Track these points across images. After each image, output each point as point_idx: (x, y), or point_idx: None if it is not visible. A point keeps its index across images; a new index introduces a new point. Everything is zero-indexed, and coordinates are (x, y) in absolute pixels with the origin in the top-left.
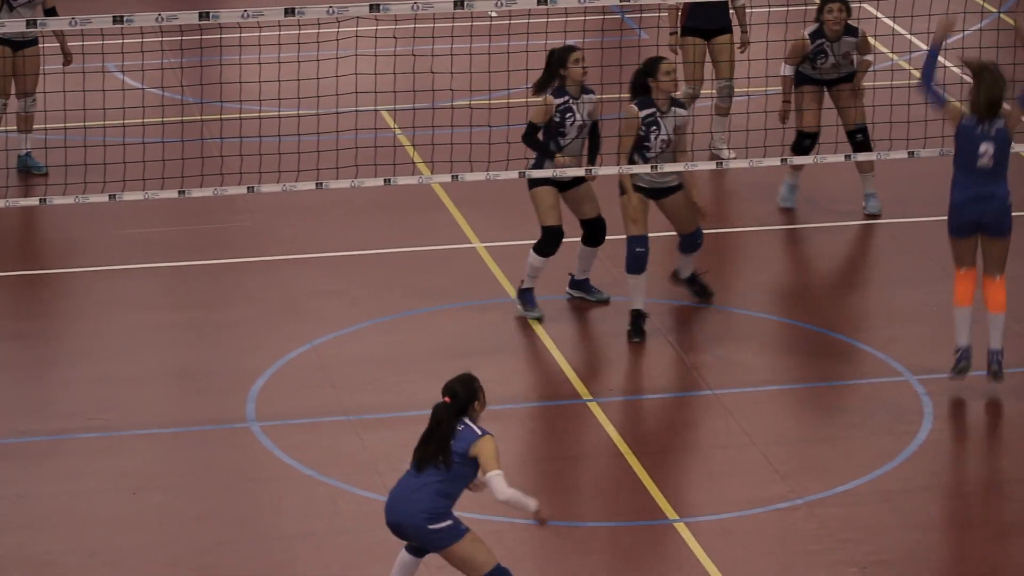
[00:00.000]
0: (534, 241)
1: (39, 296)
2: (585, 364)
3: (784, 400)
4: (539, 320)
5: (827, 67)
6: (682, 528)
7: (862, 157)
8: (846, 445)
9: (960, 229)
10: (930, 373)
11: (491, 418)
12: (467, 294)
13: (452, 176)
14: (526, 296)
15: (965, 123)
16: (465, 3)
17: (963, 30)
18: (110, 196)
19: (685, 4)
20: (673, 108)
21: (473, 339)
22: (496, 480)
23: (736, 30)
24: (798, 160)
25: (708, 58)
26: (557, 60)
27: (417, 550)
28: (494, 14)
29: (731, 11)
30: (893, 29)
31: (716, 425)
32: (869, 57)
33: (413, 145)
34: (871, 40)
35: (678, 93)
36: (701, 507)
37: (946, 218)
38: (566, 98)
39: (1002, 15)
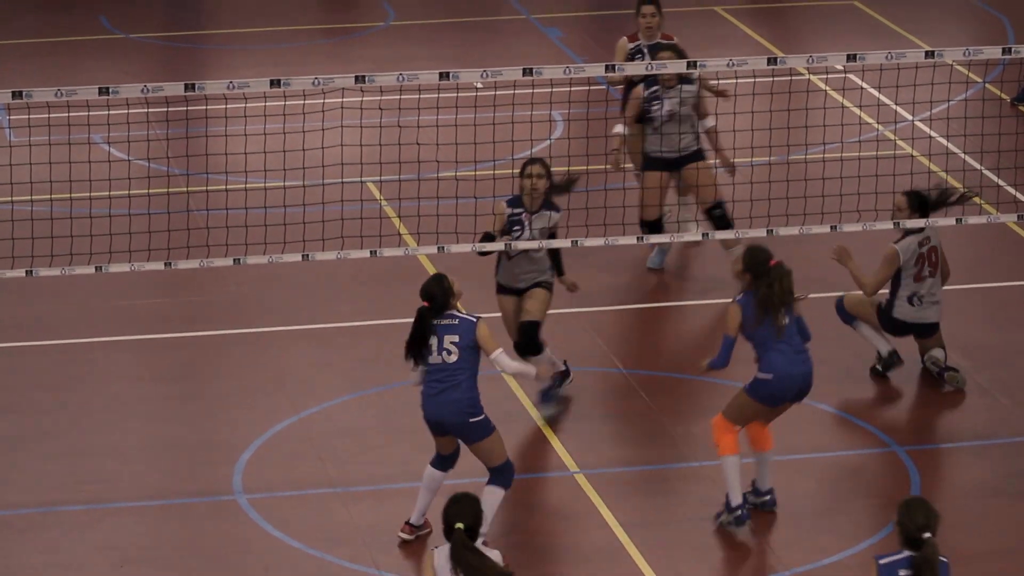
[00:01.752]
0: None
1: (26, 368)
2: (572, 436)
3: (770, 472)
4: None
5: (663, 115)
6: None
7: (849, 227)
8: (833, 516)
9: (776, 399)
10: (917, 444)
11: (478, 491)
12: None
13: (438, 247)
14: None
15: (750, 315)
16: (450, 74)
17: (948, 100)
18: (96, 268)
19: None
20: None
21: None
22: (501, 357)
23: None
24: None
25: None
26: (520, 170)
27: (443, 462)
28: (479, 85)
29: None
30: (878, 99)
31: (703, 496)
32: (710, 121)
33: (399, 216)
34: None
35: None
36: None
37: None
38: (520, 210)
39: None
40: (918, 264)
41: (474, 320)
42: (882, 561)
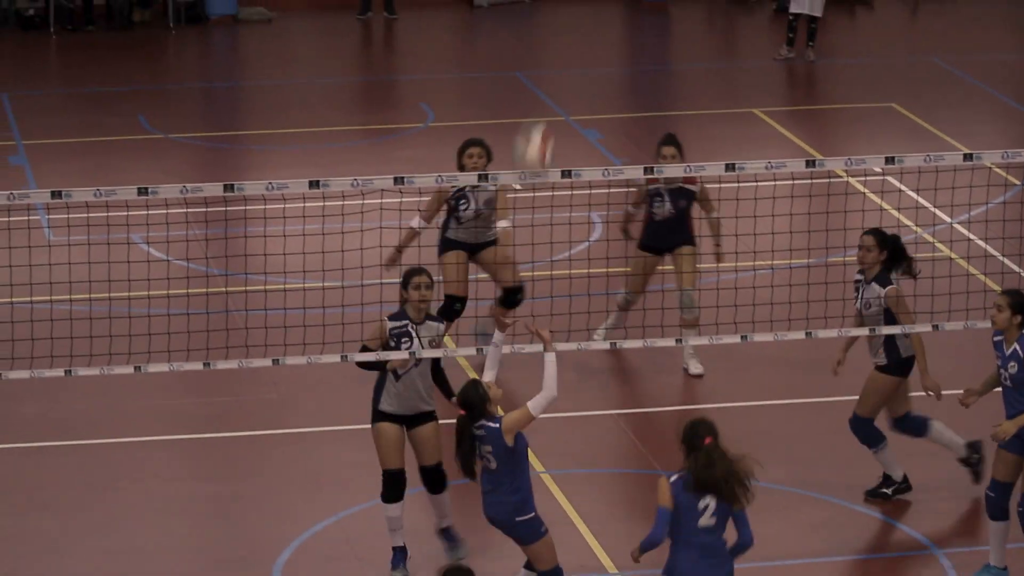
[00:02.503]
0: (561, 415)
1: (65, 467)
2: (611, 536)
3: (807, 575)
4: None
5: (468, 216)
6: None
7: (887, 330)
8: None
9: None
10: (956, 546)
11: None
12: None
13: (477, 349)
14: (397, 557)
15: (681, 499)
16: (489, 176)
17: (987, 202)
18: (135, 368)
19: (645, 220)
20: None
21: None
22: (536, 410)
23: (706, 242)
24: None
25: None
26: (403, 281)
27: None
28: (518, 187)
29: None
30: (917, 202)
31: None
32: (505, 223)
33: None
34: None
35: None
36: None
37: None
38: (404, 323)
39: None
40: None
41: (497, 426)
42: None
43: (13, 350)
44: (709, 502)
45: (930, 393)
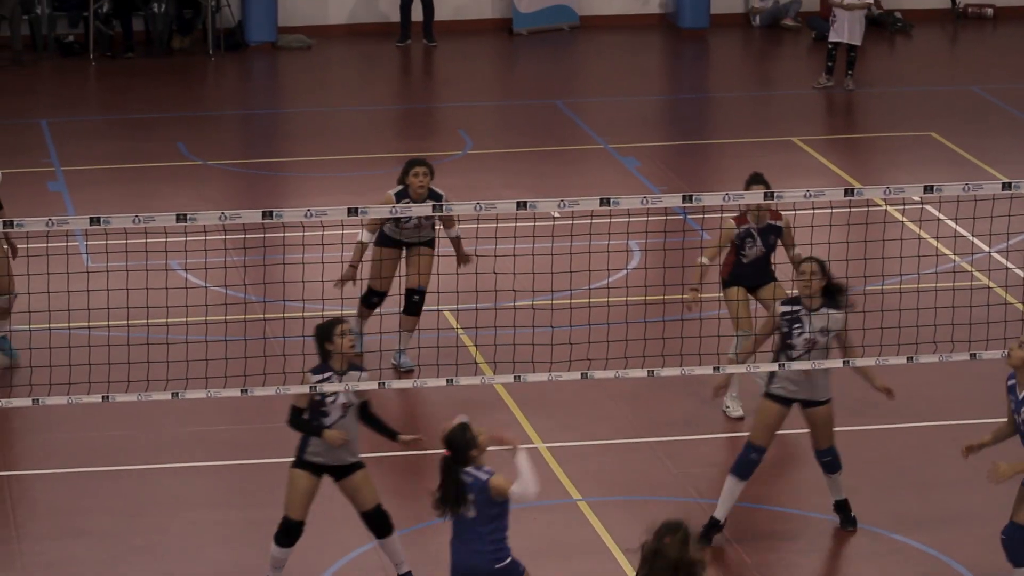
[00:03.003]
0: (598, 442)
1: (102, 492)
2: None
3: None
4: None
5: (410, 227)
6: None
7: (925, 359)
8: None
9: None
10: (993, 574)
11: None
12: None
13: (515, 377)
14: None
15: None
16: (528, 203)
17: None
18: (173, 394)
19: (728, 258)
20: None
21: (536, 540)
22: (519, 491)
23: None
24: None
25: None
26: (322, 334)
27: None
28: (557, 214)
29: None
30: (955, 231)
31: None
32: (453, 232)
33: (476, 345)
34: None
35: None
36: None
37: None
38: (328, 374)
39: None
40: None
41: (485, 479)
42: None
43: (51, 376)
44: None
45: (883, 390)
